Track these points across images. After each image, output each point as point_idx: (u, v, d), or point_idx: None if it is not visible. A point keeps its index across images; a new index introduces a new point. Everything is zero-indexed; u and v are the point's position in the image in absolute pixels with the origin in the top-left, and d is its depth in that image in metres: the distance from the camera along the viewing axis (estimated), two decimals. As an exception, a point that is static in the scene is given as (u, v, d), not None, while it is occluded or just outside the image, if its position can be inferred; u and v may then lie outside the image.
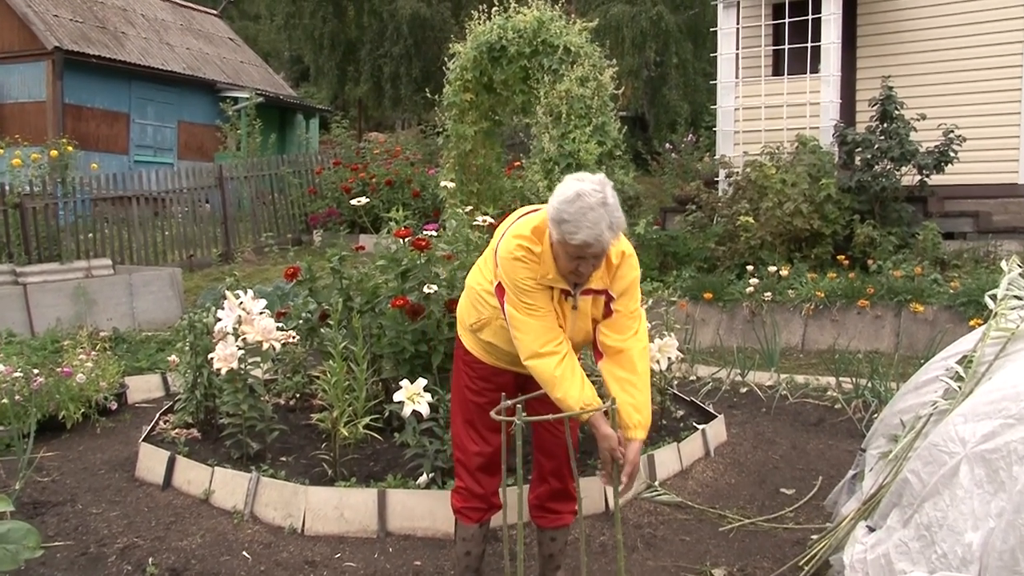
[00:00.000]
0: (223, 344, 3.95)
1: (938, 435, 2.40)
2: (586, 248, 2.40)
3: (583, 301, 2.63)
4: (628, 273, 2.65)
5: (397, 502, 3.60)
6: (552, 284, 2.57)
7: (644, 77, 17.11)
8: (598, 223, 2.37)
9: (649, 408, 2.66)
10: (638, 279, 2.70)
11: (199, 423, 4.56)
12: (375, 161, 13.28)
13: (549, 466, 2.94)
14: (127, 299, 8.23)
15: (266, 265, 11.08)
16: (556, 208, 2.41)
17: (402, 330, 4.16)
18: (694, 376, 6.29)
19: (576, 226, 2.37)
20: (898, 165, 8.30)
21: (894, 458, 2.83)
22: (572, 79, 8.49)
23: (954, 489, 2.24)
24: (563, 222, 2.39)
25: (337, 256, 4.55)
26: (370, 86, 20.18)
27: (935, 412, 2.76)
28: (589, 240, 2.38)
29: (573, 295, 2.61)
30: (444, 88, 9.55)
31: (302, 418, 4.72)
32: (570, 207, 2.38)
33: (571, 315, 2.64)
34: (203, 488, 3.95)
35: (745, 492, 4.15)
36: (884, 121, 8.43)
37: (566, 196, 2.40)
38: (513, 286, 2.57)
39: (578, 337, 2.70)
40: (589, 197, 2.37)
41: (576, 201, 2.37)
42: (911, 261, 7.74)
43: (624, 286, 2.65)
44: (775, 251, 8.30)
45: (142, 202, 11.37)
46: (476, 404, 2.84)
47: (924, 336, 6.82)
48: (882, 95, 8.46)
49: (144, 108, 17.04)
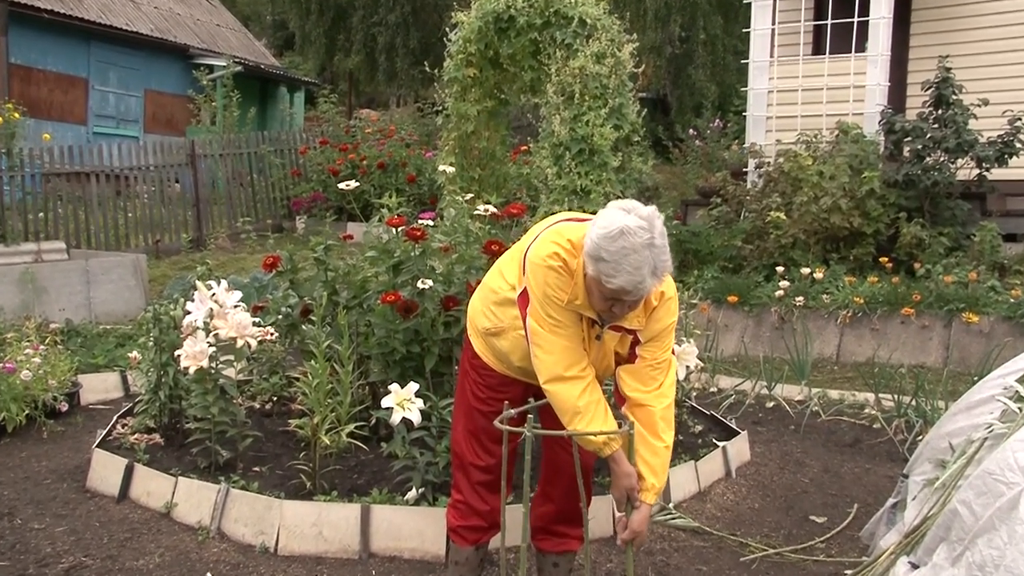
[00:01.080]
0: (192, 340, 3.94)
1: (994, 462, 2.37)
2: (623, 294, 2.34)
3: (609, 336, 2.59)
4: (665, 317, 2.58)
5: (382, 519, 3.58)
6: (580, 311, 2.52)
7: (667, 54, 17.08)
8: (640, 268, 2.28)
9: (666, 474, 2.61)
10: (674, 326, 2.63)
11: (162, 428, 4.55)
12: (366, 141, 13.28)
13: (557, 484, 2.91)
14: (83, 287, 8.20)
15: (242, 253, 11.08)
16: (595, 243, 2.31)
17: (393, 329, 4.15)
18: (715, 388, 6.27)
19: (616, 269, 2.29)
20: (953, 157, 8.20)
21: (941, 486, 2.80)
22: (587, 55, 8.46)
23: (1013, 524, 2.21)
24: (600, 260, 2.30)
25: (322, 245, 4.55)
26: (362, 57, 20.15)
27: (990, 436, 2.74)
28: (627, 287, 2.30)
29: (600, 325, 2.56)
30: (444, 62, 9.51)
31: (279, 424, 4.71)
32: (611, 245, 2.28)
33: (594, 346, 2.60)
34: (164, 501, 3.92)
35: (770, 519, 4.13)
36: (939, 107, 8.33)
37: (608, 231, 2.29)
38: (542, 296, 2.50)
39: (597, 370, 2.66)
40: (634, 237, 2.27)
41: (619, 239, 2.28)
42: (965, 265, 7.68)
43: (657, 330, 2.58)
44: (809, 251, 8.27)
45: (102, 179, 11.34)
46: (481, 413, 2.82)
47: (978, 350, 6.79)
48: (938, 78, 8.33)
49: (105, 73, 16.90)
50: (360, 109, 21.26)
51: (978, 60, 9.39)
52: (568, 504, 2.90)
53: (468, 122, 9.42)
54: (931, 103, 8.40)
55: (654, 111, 16.96)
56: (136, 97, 17.50)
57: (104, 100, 16.95)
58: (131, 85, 17.36)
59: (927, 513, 2.79)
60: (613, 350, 2.62)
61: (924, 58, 9.65)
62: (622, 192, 8.59)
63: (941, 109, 8.32)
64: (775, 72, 9.94)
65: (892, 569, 2.72)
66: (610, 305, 2.41)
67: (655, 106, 17.93)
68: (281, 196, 13.32)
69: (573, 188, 7.98)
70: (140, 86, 17.52)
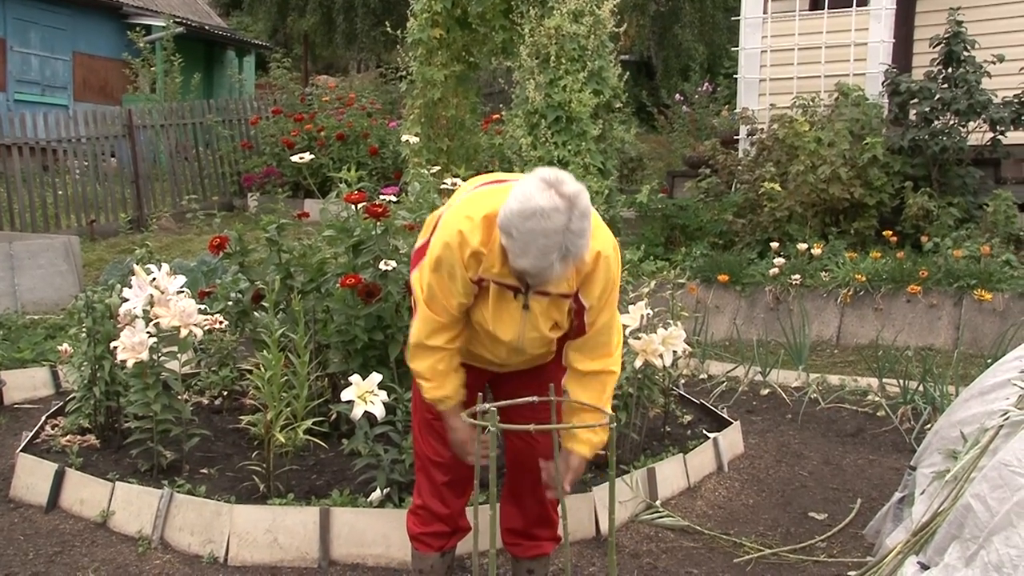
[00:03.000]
0: (130, 330, 3.88)
1: (1011, 452, 2.38)
2: (526, 276, 2.42)
3: (537, 302, 2.59)
4: (603, 278, 2.57)
5: (344, 524, 3.56)
6: (498, 279, 2.53)
7: (651, 12, 17.09)
8: (548, 254, 2.30)
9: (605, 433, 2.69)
10: (617, 283, 2.64)
11: (98, 428, 4.49)
12: (324, 110, 13.23)
13: (524, 482, 2.92)
14: (6, 274, 8.06)
15: (188, 234, 11.01)
16: (507, 216, 2.33)
17: (353, 315, 4.13)
18: (705, 374, 6.29)
19: (523, 249, 2.32)
20: (964, 119, 8.17)
21: (953, 479, 2.82)
22: (563, 13, 8.42)
23: (1032, 520, 2.21)
24: (509, 236, 2.33)
25: (275, 224, 4.50)
26: (318, 18, 20.03)
27: (1006, 424, 2.75)
28: (531, 271, 2.36)
29: (524, 293, 2.57)
30: (408, 22, 9.45)
31: (230, 421, 4.69)
32: (522, 224, 2.29)
33: (522, 318, 2.61)
34: (100, 509, 3.86)
35: (766, 516, 4.14)
36: (949, 65, 8.30)
37: (522, 209, 2.30)
38: (432, 262, 2.58)
39: (532, 348, 2.69)
40: (547, 221, 2.27)
41: (530, 220, 2.28)
42: (977, 238, 7.72)
43: (597, 293, 2.58)
44: (806, 225, 8.31)
45: (26, 152, 11.19)
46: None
47: (992, 330, 6.85)
48: (948, 32, 8.28)
49: (25, 33, 16.48)
50: (317, 75, 21.13)
51: (992, 12, 9.39)
52: (536, 504, 2.93)
53: (434, 88, 9.36)
54: (940, 61, 8.36)
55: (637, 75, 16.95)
56: (63, 61, 17.17)
57: (25, 63, 16.54)
58: (57, 47, 17.01)
59: (937, 508, 2.80)
60: (549, 319, 2.63)
61: (932, 11, 9.63)
62: (603, 164, 8.58)
63: (951, 67, 8.29)
64: (769, 30, 9.95)
65: (900, 570, 2.74)
66: (523, 276, 2.48)
67: (638, 69, 17.92)
68: (231, 171, 13.24)
69: (550, 159, 7.96)
70: (67, 48, 17.20)
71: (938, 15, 9.03)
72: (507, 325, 2.60)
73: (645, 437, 4.43)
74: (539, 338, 2.66)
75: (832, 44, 9.42)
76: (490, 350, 2.72)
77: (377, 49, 20.19)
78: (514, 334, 2.62)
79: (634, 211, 9.46)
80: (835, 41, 9.40)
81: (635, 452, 4.31)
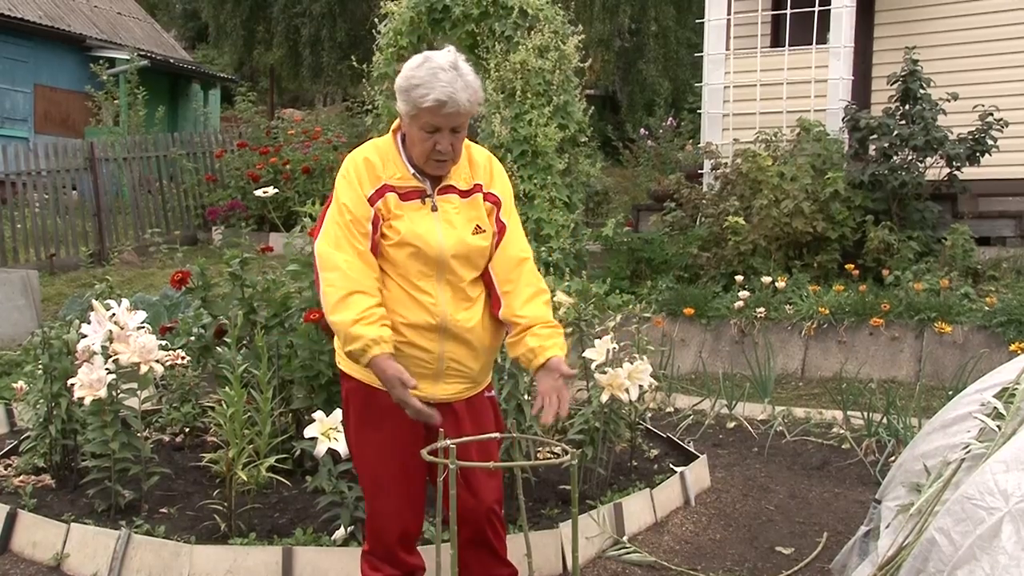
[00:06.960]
0: (88, 367, 3.82)
1: (973, 486, 2.39)
2: (440, 109, 2.60)
3: (445, 203, 2.72)
4: (503, 175, 2.89)
5: (307, 563, 3.51)
6: (401, 184, 2.71)
7: (616, 48, 17.28)
8: (452, 83, 2.62)
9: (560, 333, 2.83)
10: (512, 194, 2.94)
11: (53, 467, 4.40)
12: (290, 144, 13.16)
13: (472, 512, 2.80)
14: (-39, 308, 7.93)
15: (151, 268, 10.90)
16: (405, 76, 2.67)
17: (317, 350, 4.10)
18: (671, 408, 6.28)
19: (429, 86, 2.60)
20: (922, 155, 8.31)
21: (917, 512, 2.82)
22: (529, 48, 8.49)
23: (995, 554, 2.22)
24: (413, 88, 2.63)
25: (238, 259, 4.46)
26: (284, 51, 19.99)
27: (968, 457, 2.76)
28: (442, 98, 2.59)
29: (431, 195, 2.72)
30: (374, 56, 9.48)
31: (191, 458, 4.61)
32: (419, 71, 2.64)
33: (434, 224, 2.70)
34: (54, 552, 3.77)
35: (733, 551, 4.13)
36: (906, 102, 8.45)
37: (413, 62, 2.69)
38: (339, 192, 2.73)
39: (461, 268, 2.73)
40: (438, 60, 2.65)
41: (424, 64, 2.65)
42: (936, 271, 7.80)
43: (503, 188, 2.86)
44: (770, 258, 8.36)
45: (-16, 185, 11.04)
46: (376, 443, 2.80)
47: (952, 362, 6.90)
48: (904, 70, 8.44)
49: (-14, 65, 16.42)
50: (283, 108, 21.04)
51: (947, 52, 9.57)
52: (488, 555, 2.89)
53: (400, 122, 9.37)
54: (898, 98, 8.52)
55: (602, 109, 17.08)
56: (24, 93, 17.05)
57: (-16, 96, 16.44)
58: (17, 79, 16.91)
59: (902, 542, 2.80)
60: (469, 220, 2.75)
61: (890, 49, 9.81)
62: (569, 197, 8.62)
63: (908, 104, 8.44)
64: (731, 66, 10.06)
65: (866, 604, 2.72)
66: (433, 143, 2.64)
67: (604, 104, 18.07)
68: (195, 204, 13.14)
69: (516, 193, 7.95)
70: (29, 80, 17.10)
71: (895, 53, 9.18)
72: (425, 230, 2.69)
73: (612, 472, 4.42)
74: (465, 251, 2.72)
75: (793, 80, 9.53)
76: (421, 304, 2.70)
77: (343, 83, 20.19)
78: (436, 240, 2.68)
79: (600, 244, 9.49)
80: (796, 78, 9.51)
81: (602, 487, 4.29)
